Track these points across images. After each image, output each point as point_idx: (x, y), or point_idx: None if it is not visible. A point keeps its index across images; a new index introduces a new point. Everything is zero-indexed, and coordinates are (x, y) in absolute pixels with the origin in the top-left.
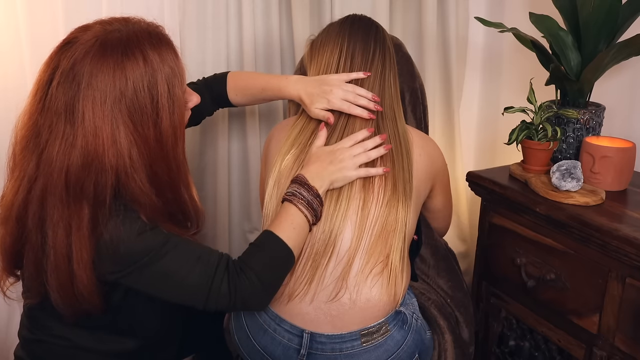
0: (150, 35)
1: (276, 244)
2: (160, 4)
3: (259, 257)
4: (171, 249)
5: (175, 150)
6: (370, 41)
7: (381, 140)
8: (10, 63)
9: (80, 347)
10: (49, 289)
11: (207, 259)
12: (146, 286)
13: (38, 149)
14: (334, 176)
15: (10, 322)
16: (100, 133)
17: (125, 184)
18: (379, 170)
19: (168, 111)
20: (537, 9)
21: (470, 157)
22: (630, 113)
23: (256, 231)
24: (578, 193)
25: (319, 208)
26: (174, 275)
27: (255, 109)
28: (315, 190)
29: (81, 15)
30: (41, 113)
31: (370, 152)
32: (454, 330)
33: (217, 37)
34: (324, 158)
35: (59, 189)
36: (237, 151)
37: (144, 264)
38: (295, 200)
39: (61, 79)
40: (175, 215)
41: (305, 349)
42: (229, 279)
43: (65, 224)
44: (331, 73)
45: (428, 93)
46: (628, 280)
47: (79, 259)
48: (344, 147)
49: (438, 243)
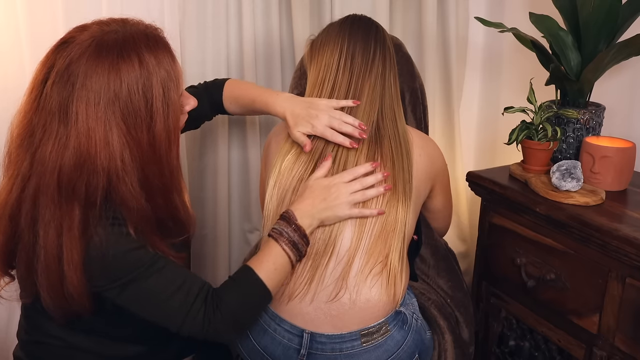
0: (148, 38)
1: (255, 284)
2: (160, 3)
3: (236, 295)
4: (156, 271)
5: (169, 155)
6: (371, 41)
7: (382, 178)
8: (10, 63)
9: (76, 347)
10: (39, 289)
11: (189, 288)
12: (126, 303)
13: (32, 148)
14: (324, 214)
15: (10, 323)
16: (93, 134)
17: (115, 186)
18: (374, 211)
19: (162, 115)
20: (537, 9)
21: (470, 157)
22: (630, 113)
23: (256, 231)
24: (578, 193)
25: (304, 248)
26: (154, 298)
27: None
28: (303, 231)
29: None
30: (36, 112)
31: (368, 192)
32: (454, 330)
33: (217, 37)
34: (318, 194)
35: (51, 189)
36: (237, 151)
37: (127, 281)
38: (280, 240)
39: (56, 78)
40: (165, 222)
41: (305, 349)
42: (205, 311)
43: (56, 224)
44: (331, 73)
45: (428, 93)
46: (628, 280)
47: (69, 259)
48: (341, 183)
49: (438, 243)
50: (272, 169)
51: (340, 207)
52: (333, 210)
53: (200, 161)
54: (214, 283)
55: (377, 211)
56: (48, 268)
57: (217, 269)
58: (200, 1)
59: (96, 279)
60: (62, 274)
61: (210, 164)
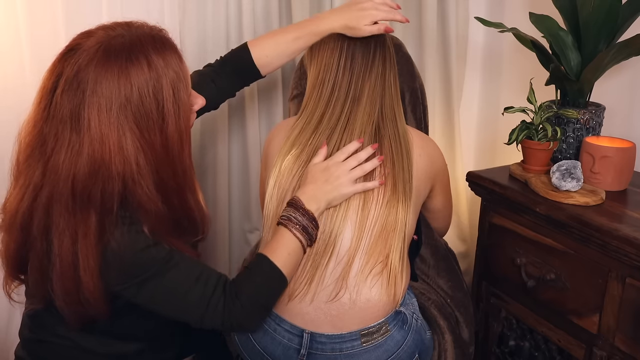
0: (154, 40)
1: (272, 271)
2: (160, 3)
3: (254, 283)
4: (173, 267)
5: (182, 155)
6: (371, 41)
7: (373, 151)
8: (10, 63)
9: (82, 348)
10: (54, 295)
11: (207, 280)
12: (145, 300)
13: (44, 157)
14: (330, 195)
15: (10, 322)
16: (106, 140)
17: (132, 190)
18: (375, 183)
19: (174, 116)
20: (537, 9)
21: (470, 157)
22: (630, 113)
23: (256, 231)
24: (578, 193)
25: (314, 232)
26: (173, 293)
27: (256, 109)
28: (311, 214)
29: (81, 15)
30: (46, 121)
31: (365, 165)
32: (454, 330)
33: (217, 37)
34: (319, 176)
35: (65, 197)
36: (237, 151)
37: (145, 278)
38: (290, 226)
39: (65, 86)
40: (181, 222)
41: (305, 349)
42: (225, 301)
43: (71, 232)
44: (331, 73)
45: (428, 93)
46: (628, 280)
47: (85, 266)
48: (338, 162)
49: (438, 243)
50: (272, 168)
51: (344, 186)
52: (337, 190)
53: (200, 161)
54: None
55: (379, 181)
56: (64, 275)
57: (217, 268)
58: (200, 1)
59: (114, 280)
60: (79, 280)
61: (210, 163)
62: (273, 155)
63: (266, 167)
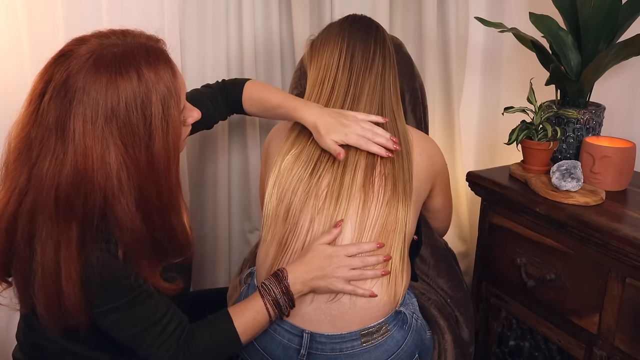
0: (148, 52)
1: (229, 334)
2: (160, 3)
3: (208, 340)
4: (139, 303)
5: (168, 174)
6: (370, 41)
7: (384, 259)
8: (10, 63)
9: (74, 353)
10: (35, 302)
11: (167, 323)
12: (103, 325)
13: (29, 162)
14: (317, 283)
15: (9, 324)
16: (90, 153)
17: (111, 206)
18: (366, 292)
19: (162, 133)
20: (537, 9)
21: (470, 157)
22: (630, 113)
23: (256, 231)
24: (578, 193)
25: (287, 310)
26: (132, 327)
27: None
28: (291, 295)
29: (81, 16)
30: (33, 125)
31: (366, 272)
32: (454, 330)
33: (217, 37)
34: (317, 262)
35: (48, 206)
36: (237, 151)
37: (110, 309)
38: (266, 298)
39: (53, 93)
40: (162, 243)
41: (305, 349)
42: (177, 349)
43: (54, 242)
44: (331, 73)
45: (428, 93)
46: (628, 280)
47: (67, 277)
48: (344, 256)
49: (438, 243)
50: (272, 168)
51: (336, 281)
52: (327, 282)
53: (200, 161)
54: (214, 283)
55: (369, 293)
56: (45, 284)
57: (217, 268)
58: (200, 1)
59: (93, 292)
60: (60, 290)
61: (210, 163)
62: (273, 155)
63: (266, 167)
